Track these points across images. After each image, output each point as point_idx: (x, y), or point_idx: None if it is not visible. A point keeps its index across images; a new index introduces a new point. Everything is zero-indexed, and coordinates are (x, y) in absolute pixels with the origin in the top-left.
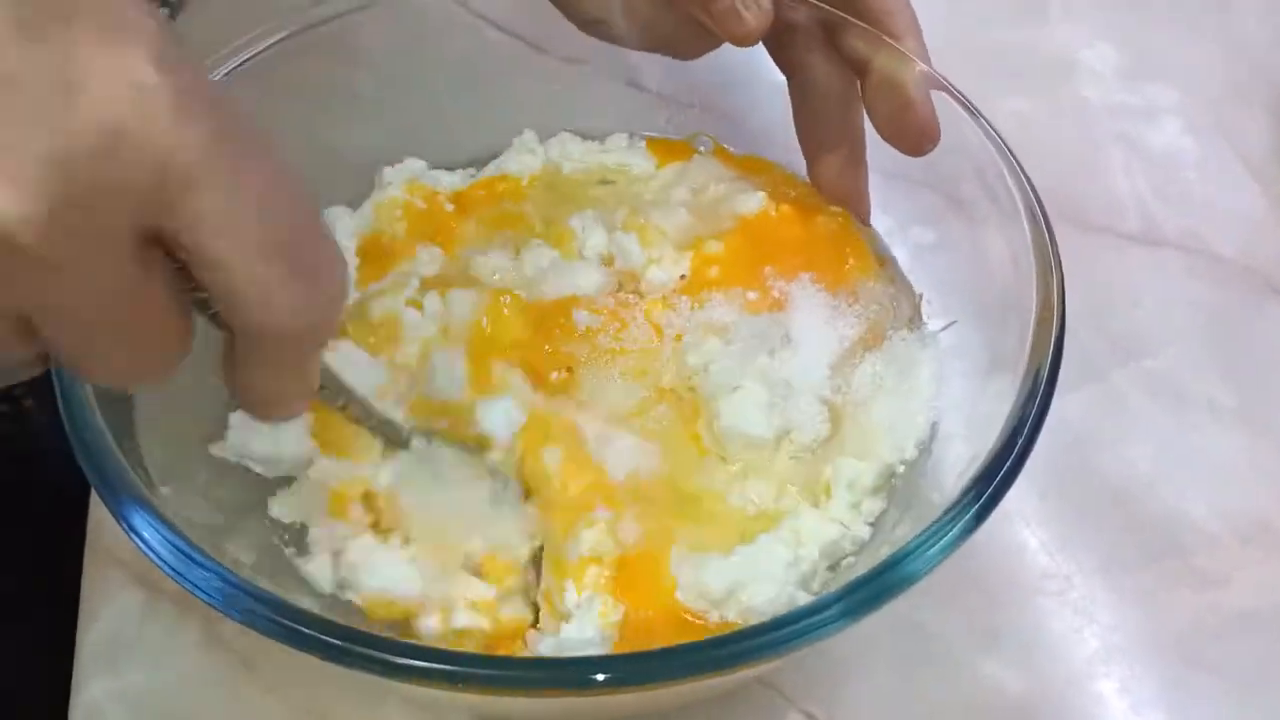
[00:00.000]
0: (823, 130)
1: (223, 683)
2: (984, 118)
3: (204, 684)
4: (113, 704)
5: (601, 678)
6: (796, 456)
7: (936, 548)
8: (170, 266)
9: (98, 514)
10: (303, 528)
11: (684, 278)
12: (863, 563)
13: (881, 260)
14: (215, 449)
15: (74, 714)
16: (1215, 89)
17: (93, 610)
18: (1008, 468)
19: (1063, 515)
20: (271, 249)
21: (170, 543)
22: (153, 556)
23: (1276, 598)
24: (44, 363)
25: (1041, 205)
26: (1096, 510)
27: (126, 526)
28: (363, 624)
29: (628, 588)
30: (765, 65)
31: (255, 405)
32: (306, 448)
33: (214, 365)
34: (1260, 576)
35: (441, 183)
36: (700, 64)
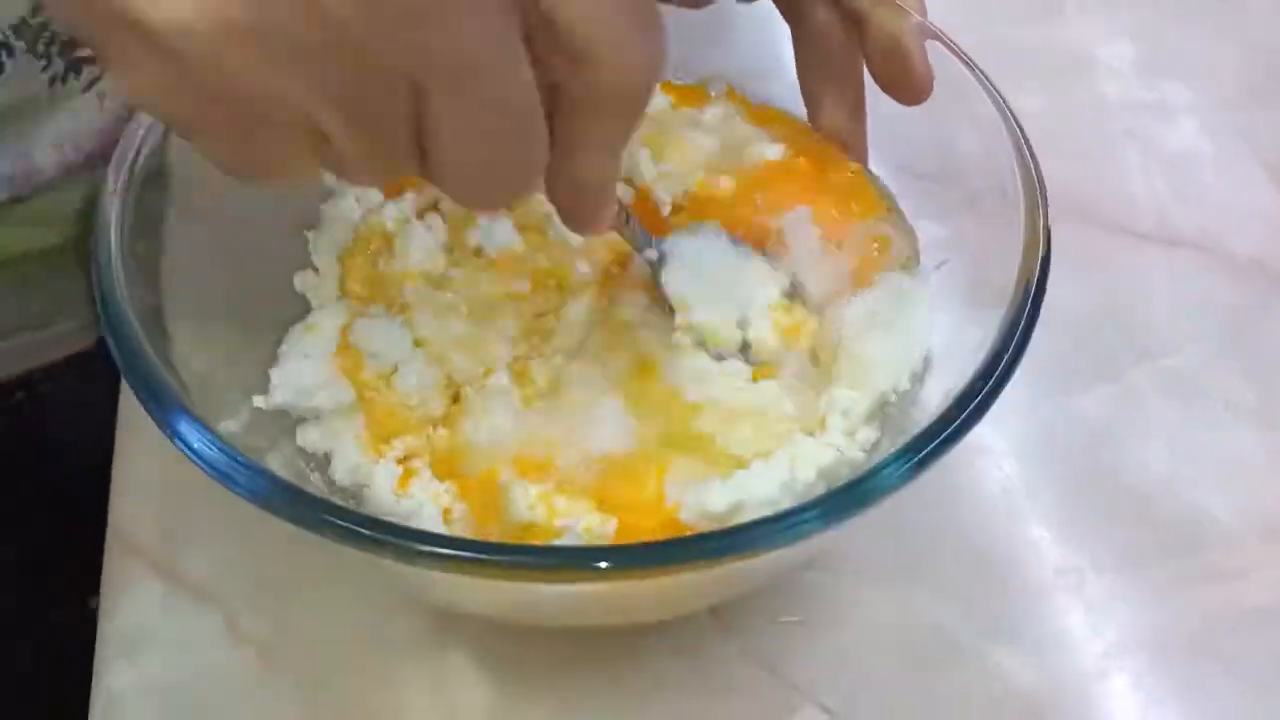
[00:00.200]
0: (824, 78)
1: (242, 673)
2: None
3: (223, 674)
4: (133, 694)
5: (604, 565)
6: (789, 387)
7: (910, 464)
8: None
9: (118, 503)
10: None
11: (688, 193)
12: None
13: (888, 206)
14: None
15: (94, 704)
16: (1232, 88)
17: (113, 601)
18: (985, 392)
19: (1078, 512)
20: (625, 2)
21: (216, 446)
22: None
23: None
24: (314, 170)
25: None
26: (1112, 507)
27: (171, 431)
28: None
29: (618, 505)
30: (772, 16)
31: (584, 200)
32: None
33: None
34: (1277, 573)
35: None
36: (707, 13)
